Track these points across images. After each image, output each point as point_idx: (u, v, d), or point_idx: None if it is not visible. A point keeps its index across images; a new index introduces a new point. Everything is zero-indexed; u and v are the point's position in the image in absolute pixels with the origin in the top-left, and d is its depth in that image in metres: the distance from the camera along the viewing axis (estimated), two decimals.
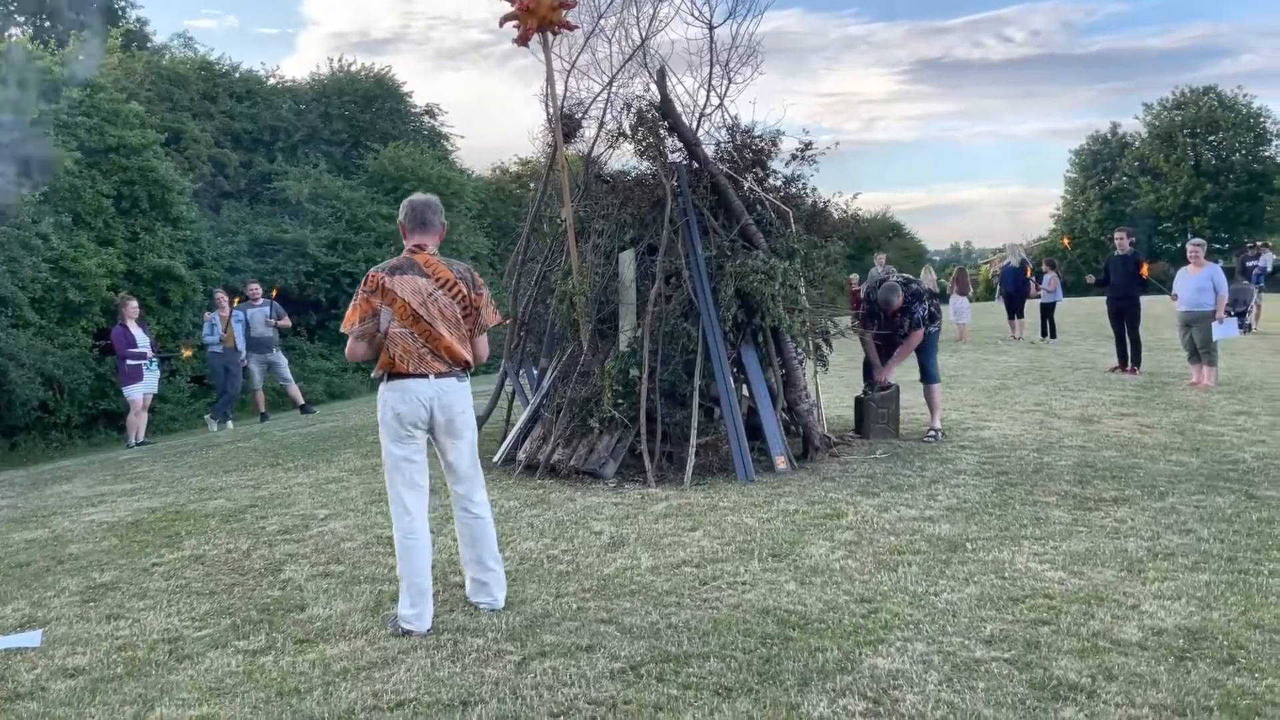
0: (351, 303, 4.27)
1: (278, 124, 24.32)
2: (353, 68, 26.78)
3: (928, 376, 8.42)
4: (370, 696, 3.47)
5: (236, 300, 13.08)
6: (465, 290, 4.25)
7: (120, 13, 28.65)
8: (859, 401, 8.53)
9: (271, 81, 25.83)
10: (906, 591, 4.39)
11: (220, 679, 3.72)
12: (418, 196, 4.43)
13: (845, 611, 4.15)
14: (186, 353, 15.15)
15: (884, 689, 3.37)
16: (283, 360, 13.46)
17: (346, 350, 4.36)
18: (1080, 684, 3.36)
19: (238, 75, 24.36)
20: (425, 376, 4.16)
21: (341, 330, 4.35)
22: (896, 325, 8.26)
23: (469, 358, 4.29)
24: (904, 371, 8.74)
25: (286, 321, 13.73)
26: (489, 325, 4.38)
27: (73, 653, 4.14)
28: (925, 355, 8.40)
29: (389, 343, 4.17)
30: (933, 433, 8.24)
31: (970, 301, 19.57)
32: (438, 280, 4.22)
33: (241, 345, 12.69)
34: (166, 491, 7.76)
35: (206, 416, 13.28)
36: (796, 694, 3.36)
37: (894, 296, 8.08)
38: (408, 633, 4.09)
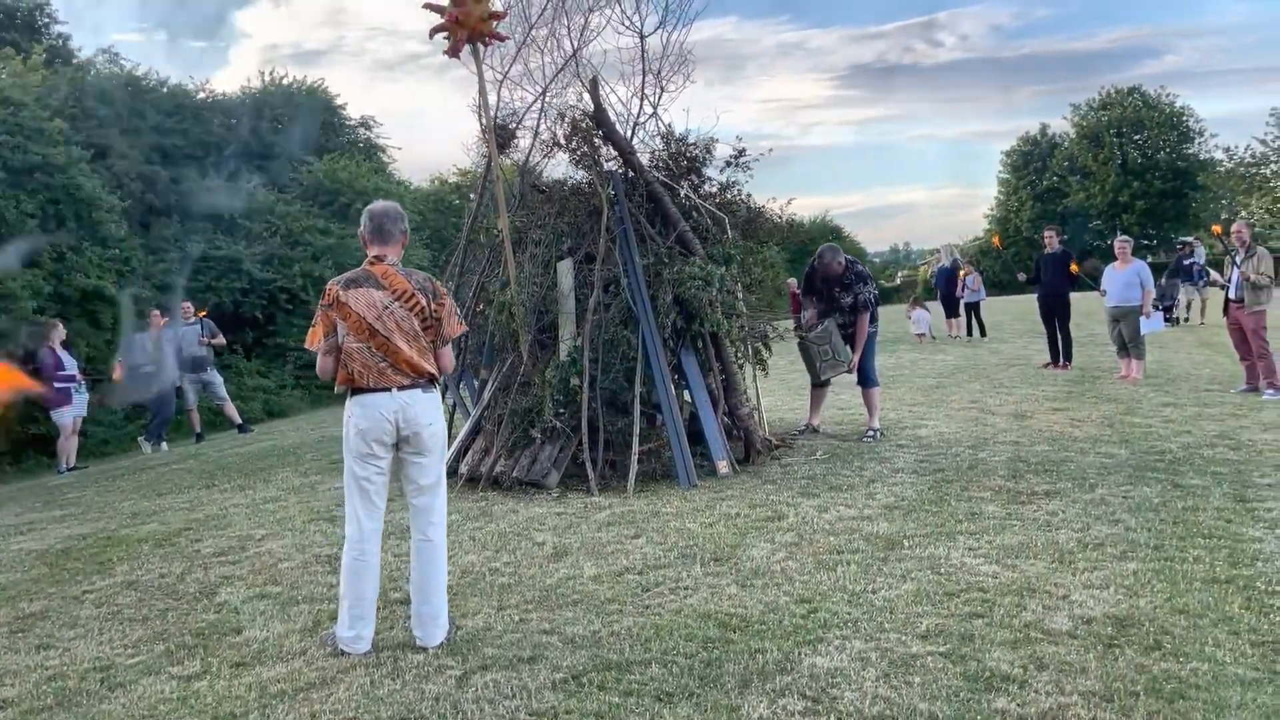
0: (314, 319, 4.20)
1: (208, 139, 23.89)
2: (285, 80, 26.43)
3: (866, 380, 8.53)
4: (308, 718, 3.43)
5: (164, 320, 12.78)
6: (424, 302, 4.11)
7: (43, 29, 27.94)
8: (801, 346, 8.55)
9: (201, 95, 25.37)
10: (845, 590, 4.44)
11: (153, 706, 3.64)
12: (377, 205, 4.25)
13: (785, 612, 4.19)
14: (117, 374, 14.80)
15: (823, 688, 3.41)
16: (217, 379, 13.22)
17: (317, 367, 4.21)
18: (1012, 674, 3.44)
19: (165, 90, 23.88)
20: (388, 390, 4.05)
21: (306, 347, 4.24)
22: (835, 299, 8.33)
23: (432, 370, 4.17)
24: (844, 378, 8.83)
25: (221, 340, 13.48)
26: (452, 336, 4.22)
27: (0, 685, 4.02)
28: (864, 359, 8.51)
29: (346, 358, 4.08)
30: (871, 433, 8.35)
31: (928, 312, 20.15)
32: (394, 292, 4.09)
33: (173, 365, 12.42)
34: (98, 517, 7.58)
35: (140, 438, 12.98)
36: (737, 696, 3.38)
37: (833, 256, 8.22)
38: (344, 653, 4.04)
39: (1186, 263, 18.50)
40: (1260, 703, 3.15)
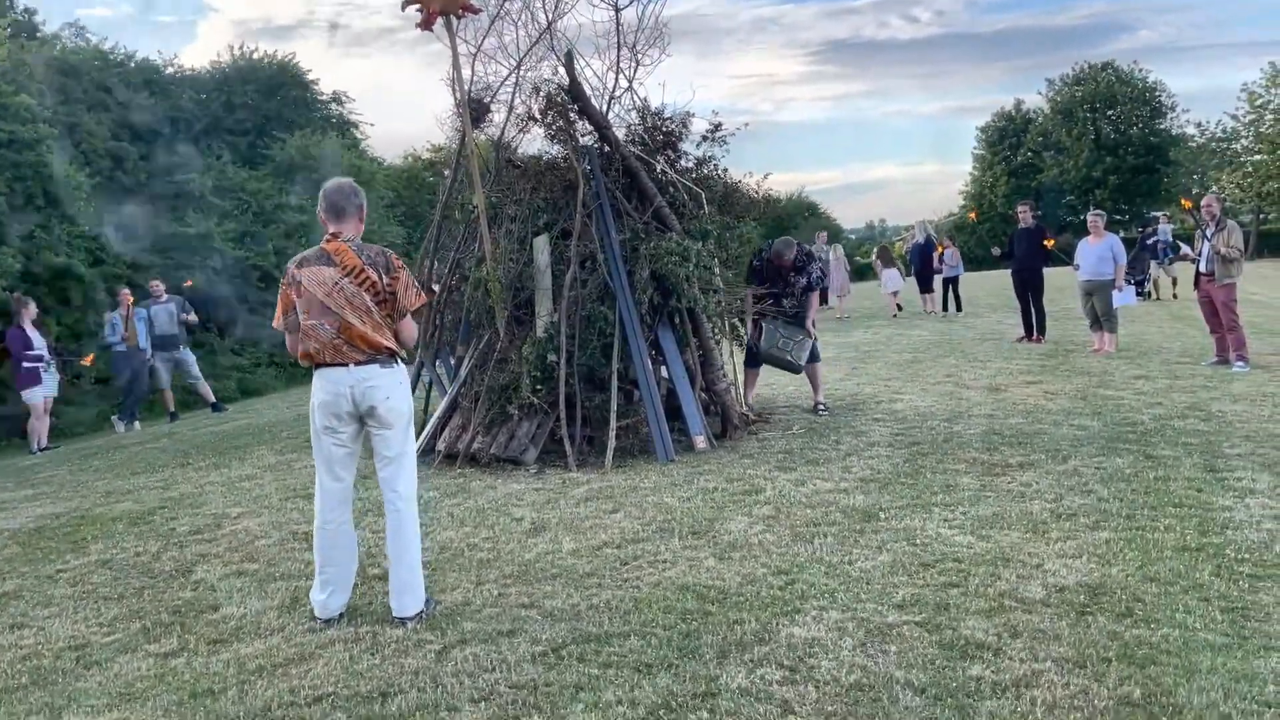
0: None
1: (178, 114, 23.57)
2: (255, 55, 26.10)
3: (809, 356, 8.55)
4: (287, 693, 3.42)
5: (132, 301, 12.64)
6: (375, 276, 4.07)
7: (7, 3, 27.40)
8: (766, 358, 8.48)
9: (170, 70, 25.01)
10: (822, 562, 4.47)
11: (130, 684, 3.63)
12: (330, 183, 4.23)
13: (763, 584, 4.22)
14: (88, 360, 14.63)
15: (800, 657, 3.44)
16: (190, 358, 13.09)
17: (287, 346, 4.24)
18: (987, 642, 3.48)
19: (134, 65, 23.52)
20: (345, 365, 4.07)
21: (274, 326, 4.24)
22: (787, 284, 8.35)
23: (389, 344, 4.13)
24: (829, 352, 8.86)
25: (194, 318, 13.35)
26: (410, 308, 4.16)
27: None
28: None
29: (304, 336, 4.09)
30: (821, 407, 8.38)
31: (904, 277, 20.47)
32: (345, 269, 4.06)
33: (145, 344, 12.30)
34: (71, 496, 7.51)
35: (113, 418, 12.86)
36: (715, 666, 3.41)
37: (787, 251, 8.24)
38: (324, 621, 4.05)
39: (1150, 241, 18.65)
40: (1229, 667, 3.20)
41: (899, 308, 19.20)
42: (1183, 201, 12.75)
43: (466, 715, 3.16)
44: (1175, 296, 18.29)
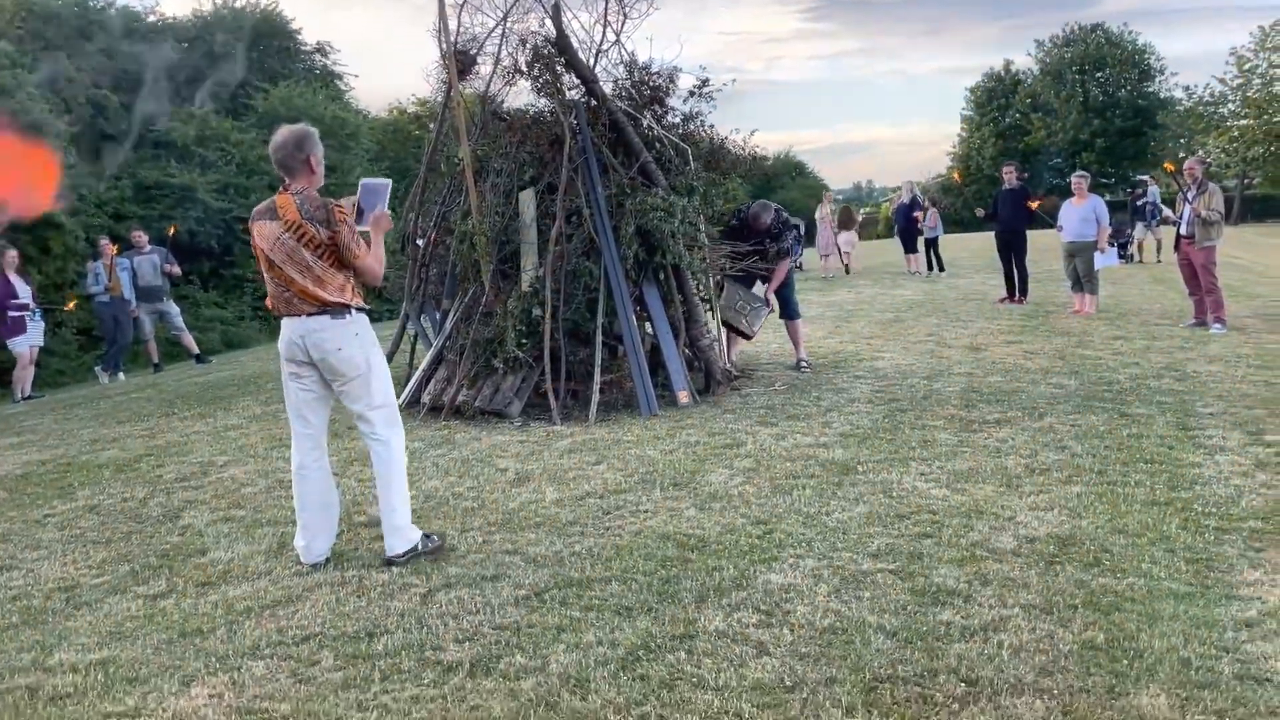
0: None
1: (159, 63, 23.24)
2: (237, 3, 25.71)
3: (789, 313, 8.62)
4: (275, 633, 3.50)
5: (116, 249, 12.56)
6: (313, 231, 4.01)
7: None
8: (724, 324, 8.49)
9: (151, 19, 24.65)
10: (800, 513, 4.57)
11: (120, 623, 3.70)
12: (275, 137, 4.13)
13: (742, 533, 4.31)
14: (70, 305, 14.57)
15: (776, 602, 3.54)
16: (174, 309, 13.04)
17: None
18: (958, 589, 3.58)
19: (114, 12, 23.16)
20: (297, 317, 4.10)
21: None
22: (762, 247, 8.37)
23: (335, 298, 4.07)
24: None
25: (177, 269, 13.28)
26: (355, 262, 4.09)
27: None
28: (785, 291, 8.60)
29: (267, 286, 4.19)
30: (803, 364, 8.45)
31: (857, 239, 20.73)
32: (285, 223, 4.04)
33: (130, 294, 12.25)
34: (57, 444, 7.54)
35: (97, 368, 12.83)
36: (694, 610, 3.50)
37: (764, 214, 8.27)
38: (310, 566, 4.16)
39: (1140, 203, 18.73)
40: (1191, 614, 3.31)
41: (846, 269, 19.62)
42: (1165, 165, 12.81)
43: (451, 654, 3.25)
44: (1159, 260, 18.39)
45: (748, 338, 8.66)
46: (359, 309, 4.19)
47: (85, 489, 5.91)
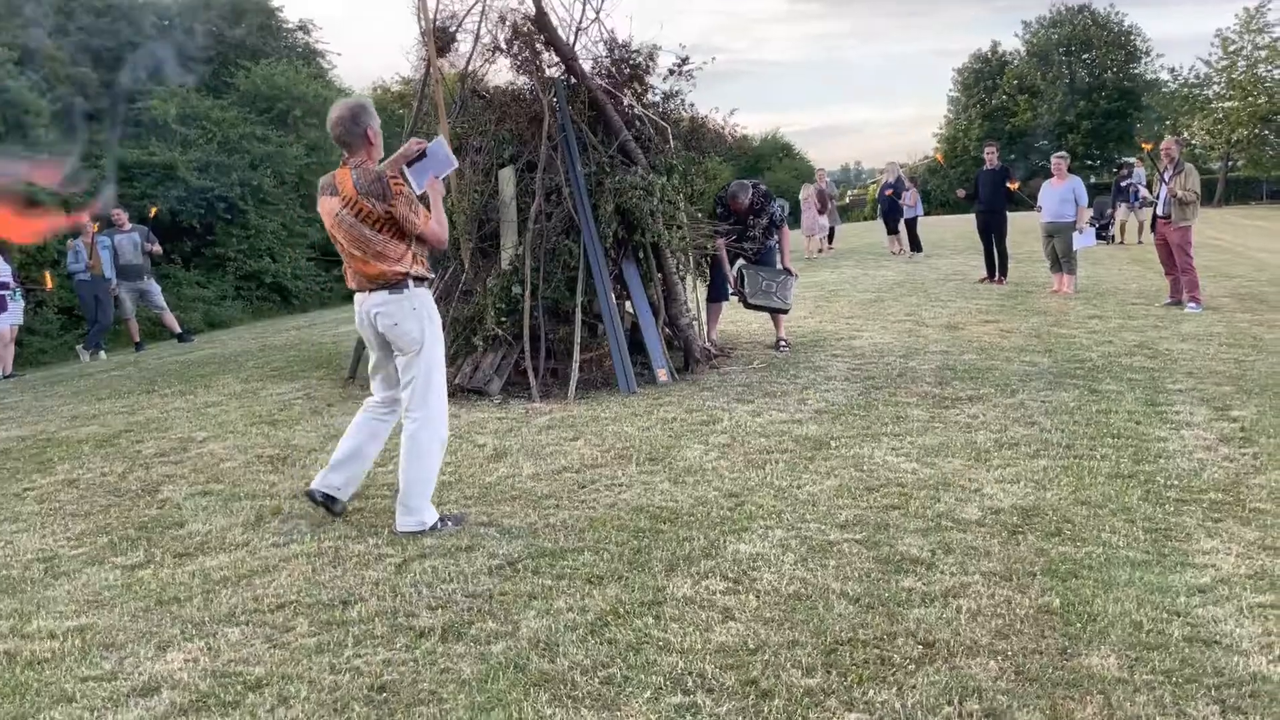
0: None
1: (139, 40, 23.05)
2: None
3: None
4: (251, 601, 3.56)
5: (97, 227, 12.50)
6: (369, 205, 4.04)
7: None
8: (748, 305, 8.53)
9: None
10: (772, 486, 4.64)
11: (98, 592, 3.75)
12: (331, 113, 4.16)
13: (714, 506, 4.39)
14: (49, 284, 14.50)
15: (744, 570, 3.61)
16: (155, 288, 13.01)
17: None
18: (921, 558, 3.66)
19: None
20: (363, 291, 4.25)
21: None
22: (748, 225, 8.41)
23: (395, 270, 4.12)
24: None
25: (158, 248, 13.23)
26: (414, 233, 4.13)
27: None
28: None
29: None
30: (783, 344, 8.50)
31: (839, 221, 20.78)
32: (344, 199, 4.09)
33: (110, 273, 12.22)
34: (36, 420, 7.56)
35: (78, 347, 12.81)
36: (663, 578, 3.57)
37: (742, 193, 8.30)
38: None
39: (1124, 184, 18.83)
40: (1146, 580, 3.41)
41: (819, 250, 19.70)
42: (1143, 145, 12.90)
43: (424, 620, 3.31)
44: (1140, 241, 18.48)
45: (784, 312, 8.63)
46: (418, 279, 4.22)
47: (65, 463, 5.94)
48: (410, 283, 4.18)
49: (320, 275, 21.43)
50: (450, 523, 4.27)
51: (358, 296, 4.28)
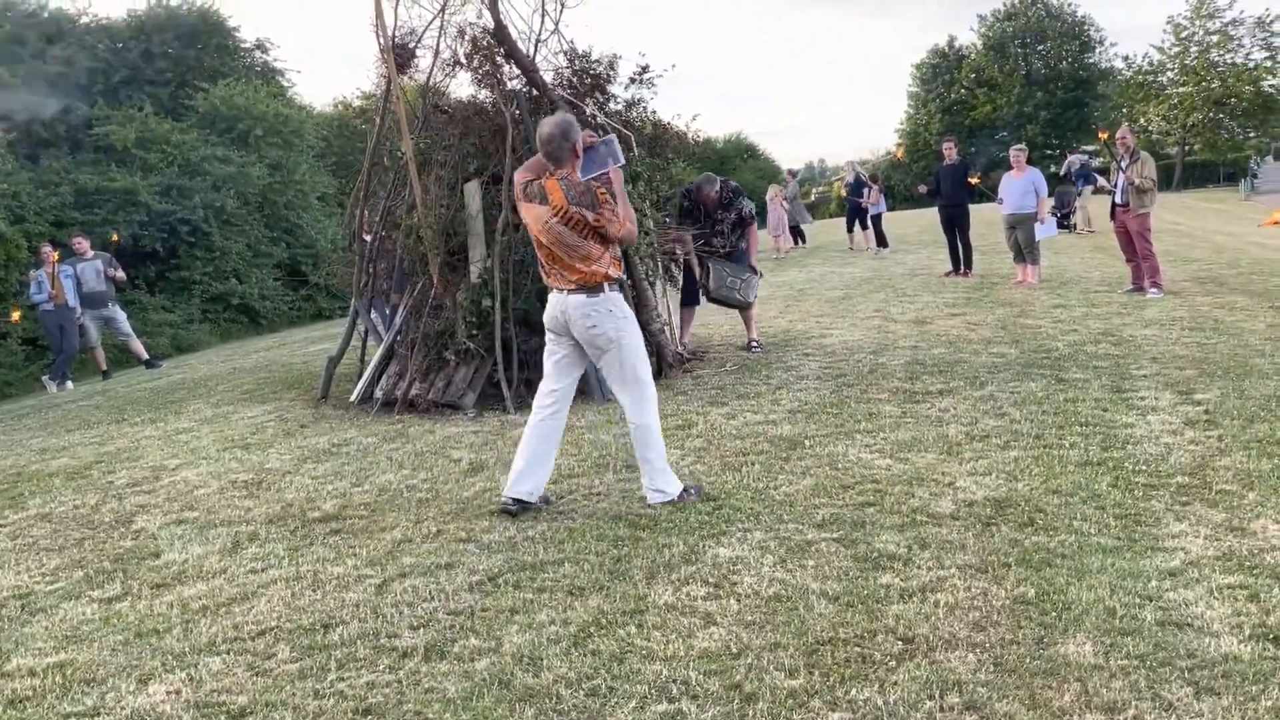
0: None
1: (94, 65, 22.82)
2: (173, 2, 25.24)
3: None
4: (231, 629, 3.54)
5: (58, 255, 12.35)
6: (579, 215, 4.35)
7: None
8: (715, 301, 8.58)
9: (84, 20, 24.14)
10: (749, 488, 4.68)
11: (76, 627, 3.71)
12: (541, 130, 4.44)
13: (691, 510, 4.41)
14: (15, 316, 14.31)
15: (724, 574, 3.64)
16: (120, 315, 12.88)
17: None
18: (898, 554, 3.71)
19: (46, 15, 22.68)
20: (559, 290, 4.49)
21: None
22: (716, 222, 8.44)
23: (602, 270, 4.42)
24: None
25: (121, 274, 13.10)
26: (615, 237, 4.44)
27: None
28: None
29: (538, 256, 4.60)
30: (755, 344, 8.54)
31: (810, 219, 20.98)
32: (554, 209, 4.39)
33: (74, 302, 12.08)
34: (5, 454, 7.47)
35: (44, 378, 12.65)
36: (644, 586, 3.59)
37: (708, 185, 8.35)
38: (503, 504, 4.58)
39: (1064, 173, 19.03)
40: (1118, 567, 3.46)
41: (787, 250, 19.85)
42: (1099, 134, 13.09)
43: (406, 640, 3.31)
44: (1091, 230, 18.44)
45: (745, 307, 8.66)
46: (614, 282, 4.51)
47: (36, 498, 5.88)
48: (606, 286, 4.48)
49: (288, 295, 21.26)
50: (694, 492, 4.55)
51: (553, 295, 4.54)
